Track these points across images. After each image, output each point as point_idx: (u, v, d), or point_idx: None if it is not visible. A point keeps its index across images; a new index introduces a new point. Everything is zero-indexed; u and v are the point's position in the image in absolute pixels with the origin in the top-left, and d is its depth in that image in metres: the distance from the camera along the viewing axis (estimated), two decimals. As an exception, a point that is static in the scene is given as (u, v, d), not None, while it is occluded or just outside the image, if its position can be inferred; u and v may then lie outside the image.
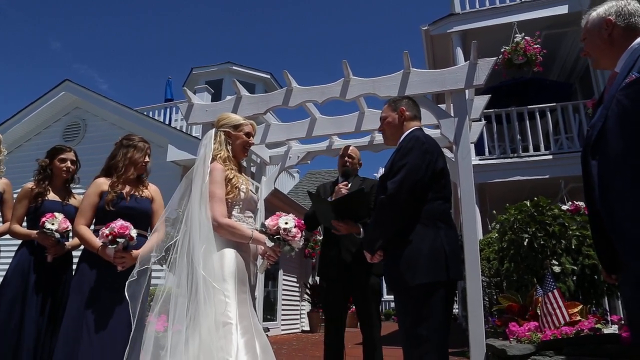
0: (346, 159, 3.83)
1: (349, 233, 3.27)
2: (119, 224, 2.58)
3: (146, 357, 2.26)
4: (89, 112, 9.59)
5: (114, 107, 9.16)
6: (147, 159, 2.96)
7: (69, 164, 3.28)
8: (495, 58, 3.51)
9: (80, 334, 2.54)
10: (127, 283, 2.38)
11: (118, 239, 2.55)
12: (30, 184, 3.21)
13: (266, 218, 2.51)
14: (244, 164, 4.23)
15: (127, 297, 2.36)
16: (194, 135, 8.46)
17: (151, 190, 3.01)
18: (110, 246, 2.57)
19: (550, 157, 8.13)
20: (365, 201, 3.21)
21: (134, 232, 2.61)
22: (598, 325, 2.73)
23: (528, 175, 8.10)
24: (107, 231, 2.56)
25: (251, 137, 2.76)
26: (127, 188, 2.87)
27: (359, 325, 3.74)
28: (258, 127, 4.54)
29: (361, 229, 3.21)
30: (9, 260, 3.14)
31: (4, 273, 3.09)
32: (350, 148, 3.88)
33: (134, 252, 2.63)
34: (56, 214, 2.99)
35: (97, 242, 2.63)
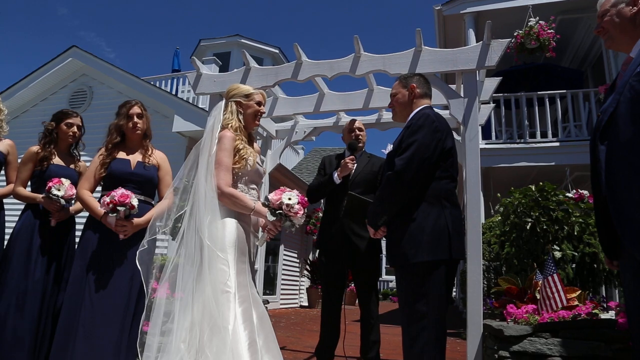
0: (356, 132, 3.80)
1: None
2: (119, 192, 2.59)
3: (151, 323, 2.30)
4: (95, 80, 9.55)
5: (121, 75, 9.12)
6: (131, 123, 2.88)
7: (75, 129, 3.27)
8: (508, 40, 3.46)
9: (82, 298, 2.57)
10: (137, 253, 2.40)
11: (119, 207, 2.55)
12: (35, 147, 3.20)
13: (270, 192, 2.51)
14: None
15: (138, 265, 2.38)
16: (200, 106, 8.43)
17: (158, 157, 3.01)
18: (111, 214, 2.58)
19: (557, 144, 8.08)
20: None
21: (135, 201, 2.61)
22: (595, 311, 2.75)
23: (534, 161, 8.07)
24: (108, 199, 2.57)
25: (262, 106, 2.75)
26: (133, 154, 2.88)
27: (357, 301, 3.78)
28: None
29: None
30: (13, 222, 3.17)
31: (8, 233, 3.13)
32: (357, 122, 3.87)
33: (135, 220, 2.65)
34: (63, 180, 2.99)
35: (100, 209, 2.64)
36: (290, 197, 2.43)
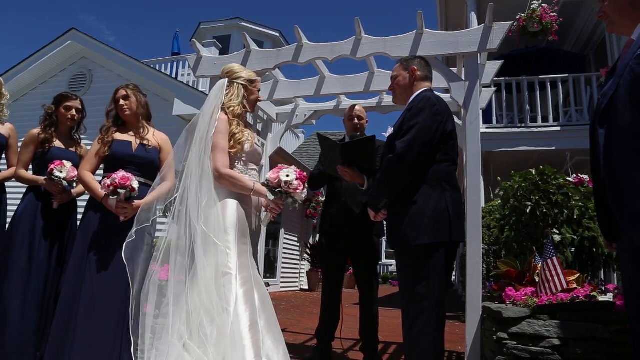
0: (355, 121, 3.80)
1: (353, 182, 3.21)
2: (120, 174, 2.59)
3: (150, 305, 2.32)
4: (95, 63, 9.50)
5: (121, 58, 9.06)
6: (120, 103, 2.90)
7: (74, 112, 3.26)
8: (510, 22, 3.43)
9: (82, 279, 2.59)
10: (124, 244, 2.41)
11: (119, 190, 2.56)
12: (36, 130, 3.21)
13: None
14: (251, 121, 4.23)
15: (123, 257, 2.40)
16: (200, 89, 8.39)
17: (159, 139, 3.01)
18: (111, 197, 2.59)
19: (558, 128, 8.05)
20: (373, 150, 3.16)
21: (135, 184, 2.62)
22: (594, 294, 2.77)
23: (534, 146, 8.05)
24: (108, 182, 2.58)
25: (260, 94, 2.77)
26: (135, 136, 2.88)
27: (356, 285, 3.81)
28: (266, 83, 4.51)
29: (365, 180, 3.18)
30: (15, 204, 3.18)
31: (10, 216, 3.14)
32: (357, 108, 3.85)
33: (136, 202, 2.65)
34: (65, 162, 3.00)
35: (101, 191, 2.65)
36: (288, 173, 2.44)
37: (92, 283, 2.57)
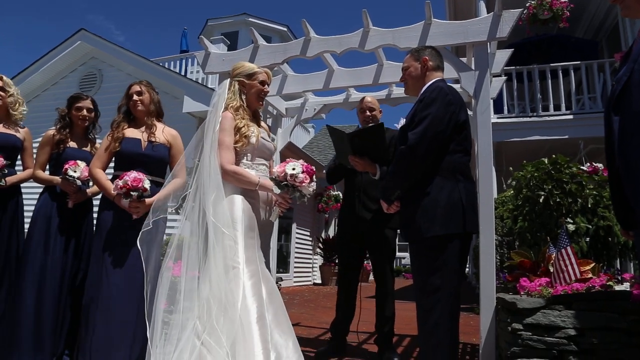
0: (367, 113, 3.81)
1: (365, 171, 3.30)
2: (132, 176, 2.62)
3: (162, 300, 2.34)
4: (105, 63, 9.56)
5: (130, 57, 9.11)
6: (134, 97, 2.94)
7: (84, 112, 3.30)
8: (520, 10, 3.38)
9: (99, 276, 2.64)
10: (140, 233, 2.44)
11: (132, 192, 2.60)
12: (51, 131, 3.26)
13: (280, 170, 2.53)
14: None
15: (138, 245, 2.42)
16: (209, 86, 8.41)
17: (169, 135, 3.03)
18: (124, 199, 2.64)
19: (571, 117, 7.96)
20: (382, 137, 3.21)
21: (147, 184, 2.66)
22: (610, 283, 2.74)
23: (547, 135, 7.96)
24: (120, 183, 2.62)
25: (266, 86, 2.75)
26: (144, 134, 2.90)
27: (373, 277, 3.82)
28: (275, 78, 4.49)
29: (377, 169, 3.22)
30: (30, 205, 3.22)
31: (28, 216, 3.19)
32: (368, 100, 3.85)
33: (148, 200, 2.68)
34: (79, 161, 3.06)
35: (113, 191, 2.70)
36: (294, 167, 2.45)
37: (108, 279, 2.61)
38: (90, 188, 3.22)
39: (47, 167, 3.28)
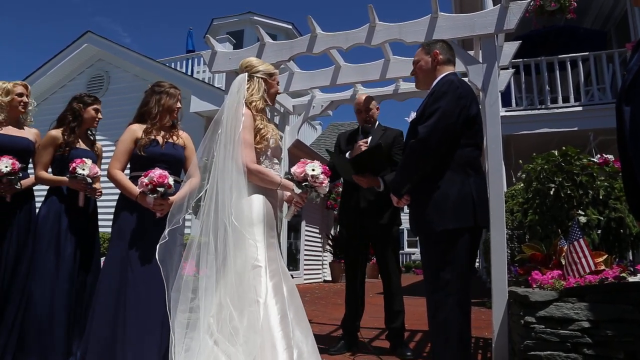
0: (363, 114, 3.84)
1: (370, 187, 3.45)
2: (157, 173, 2.61)
3: (182, 300, 2.33)
4: (111, 64, 9.61)
5: (137, 58, 9.15)
6: (179, 104, 2.96)
7: (100, 115, 3.38)
8: (527, 1, 3.35)
9: (126, 278, 2.60)
10: (157, 246, 2.40)
11: (158, 188, 2.59)
12: (54, 132, 3.22)
13: (289, 168, 2.53)
14: (268, 114, 4.23)
15: (157, 259, 2.39)
16: (216, 85, 8.43)
17: (183, 136, 3.04)
18: (150, 195, 2.61)
19: (580, 108, 7.88)
20: (383, 155, 3.41)
21: (171, 180, 2.64)
22: (623, 275, 2.71)
23: (556, 127, 7.90)
24: (146, 180, 2.59)
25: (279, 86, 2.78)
26: (162, 135, 2.90)
27: (379, 274, 3.82)
28: (281, 75, 4.49)
29: (381, 182, 3.35)
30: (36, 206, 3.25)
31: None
32: (359, 101, 3.90)
33: (171, 198, 2.67)
34: (85, 159, 3.06)
35: (135, 189, 2.67)
36: (314, 168, 2.45)
37: (134, 280, 2.58)
38: (94, 184, 3.19)
39: (50, 169, 3.24)
